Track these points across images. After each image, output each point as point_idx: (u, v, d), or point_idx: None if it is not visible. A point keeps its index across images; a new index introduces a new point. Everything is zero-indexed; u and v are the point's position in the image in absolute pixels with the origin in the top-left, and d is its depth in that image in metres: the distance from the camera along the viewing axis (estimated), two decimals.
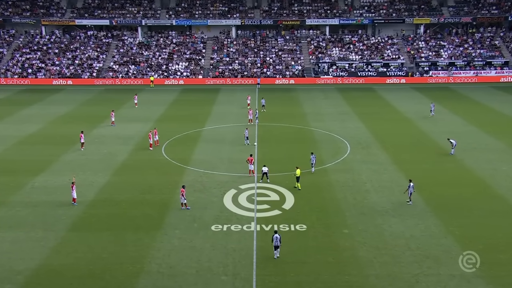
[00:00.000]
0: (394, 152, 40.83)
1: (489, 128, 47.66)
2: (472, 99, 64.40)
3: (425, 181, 34.13)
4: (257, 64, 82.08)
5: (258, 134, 46.93)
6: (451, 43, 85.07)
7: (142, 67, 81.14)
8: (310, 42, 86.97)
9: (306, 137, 45.81)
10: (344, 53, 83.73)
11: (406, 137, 45.73)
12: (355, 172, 36.16)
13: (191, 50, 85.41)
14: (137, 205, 30.55)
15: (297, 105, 61.11)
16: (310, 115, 55.13)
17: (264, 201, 30.92)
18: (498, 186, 32.98)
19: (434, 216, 28.51)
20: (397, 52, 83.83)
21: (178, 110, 58.44)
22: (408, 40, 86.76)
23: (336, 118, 53.66)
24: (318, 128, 48.84)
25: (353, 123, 51.03)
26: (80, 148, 42.14)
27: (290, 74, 79.80)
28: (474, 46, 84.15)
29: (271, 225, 27.55)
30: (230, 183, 33.70)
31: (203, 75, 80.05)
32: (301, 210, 29.66)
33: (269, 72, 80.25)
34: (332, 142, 44.12)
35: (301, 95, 67.76)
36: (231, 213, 29.19)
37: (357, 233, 26.62)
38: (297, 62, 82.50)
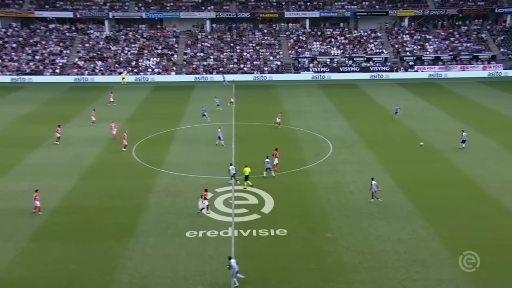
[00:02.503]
0: (379, 151, 41.27)
1: (477, 125, 48.62)
2: (459, 94, 65.61)
3: (412, 182, 34.59)
4: (233, 59, 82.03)
5: (236, 134, 46.88)
6: (436, 36, 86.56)
7: (110, 63, 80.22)
8: (290, 36, 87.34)
9: (287, 137, 45.91)
10: (325, 48, 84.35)
11: (391, 135, 46.29)
12: (339, 172, 36.41)
13: (162, 45, 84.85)
14: (106, 212, 30.16)
15: (277, 102, 61.26)
16: (291, 113, 55.33)
17: (242, 204, 30.89)
18: (487, 186, 33.62)
19: (422, 218, 28.90)
20: (381, 46, 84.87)
21: (150, 109, 57.97)
22: (392, 33, 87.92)
23: (318, 116, 54.00)
24: (299, 127, 49.03)
25: (336, 121, 51.42)
26: (55, 142, 43.34)
27: (269, 69, 79.98)
28: (461, 39, 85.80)
29: (250, 230, 27.54)
30: (206, 186, 33.33)
31: (176, 71, 79.62)
32: (282, 213, 29.70)
33: (247, 68, 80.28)
34: (314, 142, 44.35)
35: (281, 92, 67.97)
36: (207, 218, 29.06)
37: (341, 237, 26.78)
38: (276, 57, 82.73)
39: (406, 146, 42.89)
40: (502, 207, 30.27)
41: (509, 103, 59.51)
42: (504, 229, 27.56)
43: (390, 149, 41.88)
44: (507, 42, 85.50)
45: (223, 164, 36.68)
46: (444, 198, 31.65)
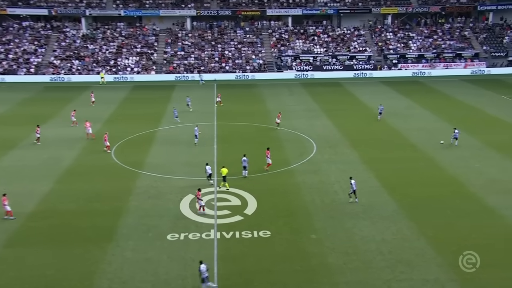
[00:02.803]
0: (364, 150, 41.57)
1: (460, 123, 49.24)
2: (442, 92, 66.45)
3: (396, 181, 34.93)
4: (214, 58, 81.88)
5: (218, 134, 46.80)
6: (420, 34, 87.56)
7: (88, 62, 79.41)
8: (272, 34, 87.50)
9: (270, 136, 45.98)
10: (308, 46, 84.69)
11: (375, 134, 46.67)
12: (323, 172, 36.58)
13: (142, 44, 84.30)
14: (85, 215, 29.84)
15: (260, 102, 61.32)
16: (274, 112, 55.38)
17: (224, 206, 30.83)
18: (471, 185, 34.11)
19: (406, 218, 29.19)
20: (364, 44, 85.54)
21: (129, 109, 57.54)
22: (375, 31, 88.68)
23: (301, 115, 54.20)
24: (282, 126, 49.10)
25: (320, 121, 51.67)
26: (36, 142, 43.40)
27: (251, 68, 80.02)
28: (444, 37, 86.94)
29: (233, 232, 27.51)
30: (188, 188, 33.42)
31: (155, 70, 79.16)
32: (265, 215, 29.74)
33: (228, 67, 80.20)
34: (298, 141, 44.49)
35: (263, 91, 68.05)
36: (189, 221, 28.95)
37: (325, 238, 26.91)
38: (258, 55, 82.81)
39: (390, 145, 43.28)
40: (487, 206, 30.74)
41: (492, 102, 60.49)
42: (489, 228, 27.98)
43: (374, 148, 42.22)
44: (489, 40, 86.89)
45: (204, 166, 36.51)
46: (429, 197, 32.02)
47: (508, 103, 59.73)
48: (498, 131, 47.04)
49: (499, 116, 53.00)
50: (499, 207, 30.45)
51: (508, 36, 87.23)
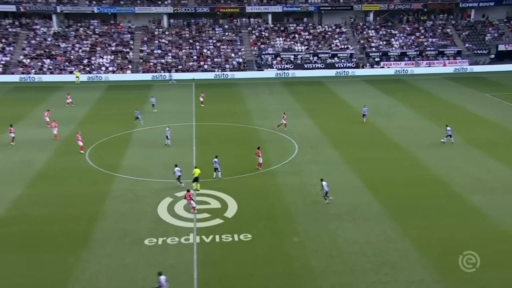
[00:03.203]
0: (346, 150, 41.83)
1: (444, 122, 49.86)
2: (425, 90, 67.28)
3: (379, 181, 35.21)
4: (193, 56, 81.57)
5: (196, 135, 46.62)
6: (402, 32, 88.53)
7: (59, 61, 78.35)
8: (252, 32, 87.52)
9: (250, 137, 45.97)
10: (288, 44, 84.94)
11: (358, 133, 47.00)
12: (305, 173, 36.69)
13: (117, 42, 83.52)
14: (57, 221, 29.40)
15: (240, 101, 61.30)
16: (254, 112, 55.44)
17: (204, 209, 30.71)
18: (455, 184, 34.57)
19: (390, 219, 29.43)
20: (346, 41, 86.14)
21: (104, 110, 56.95)
22: (357, 28, 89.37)
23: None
24: (263, 126, 49.17)
25: (301, 120, 51.84)
26: (10, 143, 42.97)
27: (230, 67, 79.92)
28: (426, 34, 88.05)
29: (212, 235, 27.41)
30: (165, 191, 33.24)
31: (131, 69, 78.50)
32: (246, 217, 29.71)
33: (207, 65, 79.98)
34: (279, 142, 44.56)
35: (243, 90, 68.04)
36: (167, 225, 28.78)
37: (308, 240, 26.97)
38: (238, 54, 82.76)
39: (373, 144, 43.63)
40: (471, 206, 31.18)
41: (474, 100, 61.46)
42: (473, 227, 28.38)
43: (357, 148, 42.51)
44: (472, 37, 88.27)
45: (183, 167, 36.27)
46: (413, 198, 32.35)
47: (490, 101, 60.75)
48: (481, 130, 47.78)
49: (482, 114, 53.85)
50: (483, 206, 30.91)
51: (490, 33, 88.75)
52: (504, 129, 47.91)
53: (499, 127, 48.65)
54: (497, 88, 68.30)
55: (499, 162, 38.74)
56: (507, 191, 33.32)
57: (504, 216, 29.51)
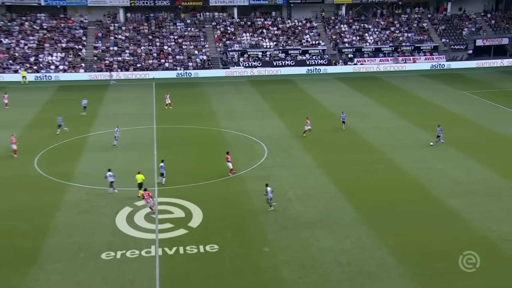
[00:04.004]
0: (319, 153, 42.19)
1: (420, 121, 50.93)
2: (401, 88, 68.54)
3: (354, 185, 35.63)
4: (152, 54, 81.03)
5: (158, 138, 46.30)
6: (376, 26, 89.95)
7: (2, 59, 76.59)
8: (216, 27, 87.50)
9: (216, 140, 45.93)
10: (256, 39, 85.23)
11: (331, 135, 47.46)
12: (275, 178, 36.81)
13: (68, 38, 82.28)
14: (2, 236, 28.71)
15: (204, 102, 61.19)
16: (220, 113, 55.42)
17: (166, 219, 30.51)
18: (433, 187, 35.24)
19: (366, 225, 29.79)
20: (317, 37, 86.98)
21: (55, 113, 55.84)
22: (328, 23, 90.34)
23: (250, 116, 54.48)
24: (229, 128, 49.20)
25: (271, 121, 52.06)
26: None
27: (194, 65, 79.70)
28: (401, 29, 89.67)
29: (176, 247, 27.24)
30: (124, 200, 32.89)
31: (85, 68, 77.42)
32: (212, 227, 29.64)
33: (168, 63, 79.58)
34: (247, 145, 44.64)
35: (208, 90, 67.97)
36: (126, 237, 28.47)
37: (279, 250, 27.07)
38: (201, 51, 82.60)
39: (347, 146, 44.15)
40: (450, 209, 31.81)
41: (452, 97, 62.92)
42: (453, 233, 28.94)
43: (330, 151, 42.94)
44: (448, 32, 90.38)
45: (144, 174, 35.99)
46: (389, 202, 32.84)
47: (468, 99, 62.27)
48: (459, 129, 48.87)
49: (460, 112, 55.14)
50: (462, 210, 31.59)
51: (467, 27, 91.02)
52: (483, 128, 49.15)
53: (478, 126, 49.88)
54: (475, 85, 70.06)
55: (479, 163, 39.70)
56: (487, 194, 34.15)
57: (484, 220, 30.22)
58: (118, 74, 75.75)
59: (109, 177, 33.81)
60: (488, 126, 49.99)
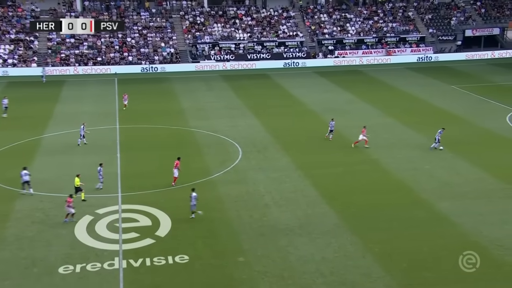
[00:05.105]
0: (298, 154, 42.35)
1: (407, 118, 51.49)
2: (385, 83, 69.28)
3: (336, 189, 35.87)
4: (114, 46, 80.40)
5: (121, 140, 45.98)
6: (358, 16, 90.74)
7: None
8: (184, 17, 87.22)
9: (185, 141, 45.82)
10: (228, 31, 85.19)
11: (311, 134, 47.68)
12: (250, 182, 36.86)
13: (17, 28, 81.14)
14: None
15: (172, 99, 61.00)
16: (190, 111, 55.27)
17: (131, 228, 30.31)
18: (421, 190, 35.65)
19: (349, 231, 29.97)
20: (295, 28, 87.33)
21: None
22: (307, 12, 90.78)
23: (223, 114, 54.47)
24: (200, 128, 49.09)
25: (245, 120, 52.12)
26: None
27: (160, 59, 79.32)
28: (385, 18, 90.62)
29: (142, 259, 27.06)
30: (84, 208, 32.52)
31: (37, 62, 76.40)
32: (182, 236, 29.54)
33: (132, 57, 79.07)
34: (219, 146, 44.60)
35: (176, 86, 67.77)
36: (87, 248, 28.17)
37: (256, 260, 27.08)
38: (169, 43, 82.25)
39: (328, 146, 44.42)
40: (439, 213, 32.21)
41: (440, 92, 63.89)
42: (442, 238, 29.30)
43: (310, 151, 43.15)
44: (436, 22, 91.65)
45: (105, 179, 35.75)
46: (374, 206, 33.11)
47: (457, 94, 63.26)
48: (448, 126, 49.19)
49: (448, 108, 55.96)
50: (451, 214, 32.01)
51: (455, 17, 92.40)
52: (473, 126, 49.94)
53: (468, 123, 50.66)
54: (465, 79, 71.21)
55: (469, 163, 40.31)
56: (478, 196, 34.67)
57: (475, 224, 30.67)
58: (76, 69, 75.03)
59: (23, 176, 33.57)
60: (479, 123, 50.80)
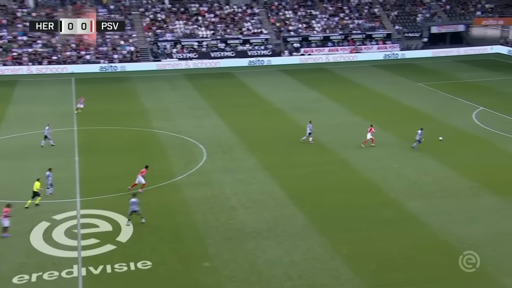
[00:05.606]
0: (265, 154, 42.43)
1: (374, 117, 51.98)
2: (352, 81, 70.00)
3: (304, 189, 36.03)
4: (70, 44, 79.30)
5: (79, 142, 45.45)
6: (324, 12, 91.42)
7: None
8: (144, 14, 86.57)
9: (148, 143, 45.54)
10: (191, 28, 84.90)
11: (278, 134, 47.84)
12: (216, 184, 36.80)
13: None
14: None
15: (134, 99, 60.59)
16: (152, 112, 54.93)
17: (90, 233, 29.94)
18: (390, 189, 36.10)
19: (318, 233, 30.14)
20: (259, 25, 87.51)
21: None
22: (271, 9, 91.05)
23: (186, 114, 54.30)
24: (163, 129, 48.81)
25: (209, 120, 52.03)
26: None
27: (120, 57, 78.57)
28: (351, 15, 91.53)
29: (103, 265, 26.74)
30: (40, 214, 32.01)
31: None
32: (145, 241, 29.31)
33: (90, 55, 78.13)
34: (183, 147, 44.44)
35: (138, 85, 67.35)
36: (43, 256, 27.70)
37: (222, 265, 27.02)
38: (128, 41, 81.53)
39: (295, 146, 44.58)
40: (408, 213, 32.66)
41: (407, 90, 64.84)
42: (412, 238, 29.70)
43: (277, 152, 43.26)
44: (401, 18, 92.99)
45: (63, 183, 35.27)
46: (343, 206, 33.38)
47: (424, 91, 64.25)
48: (415, 124, 49.98)
49: (416, 106, 56.81)
50: (420, 213, 32.48)
51: (421, 13, 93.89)
52: (441, 123, 50.72)
53: (435, 121, 51.44)
54: (431, 76, 72.43)
55: (438, 161, 40.96)
56: (446, 195, 35.28)
57: (444, 223, 31.17)
58: (29, 68, 73.74)
59: None
60: (446, 120, 51.67)
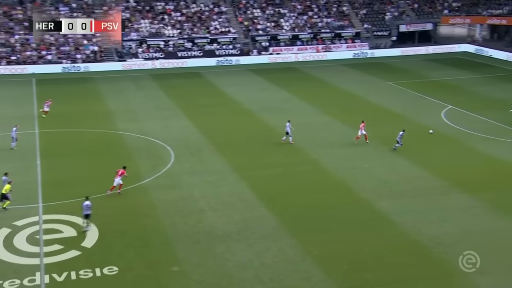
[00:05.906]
0: (234, 155, 42.42)
1: (344, 116, 52.40)
2: (322, 80, 70.42)
3: (274, 190, 36.12)
4: (30, 44, 78.15)
5: (41, 145, 44.84)
6: (292, 11, 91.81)
7: None
8: (108, 12, 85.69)
9: (113, 145, 45.28)
10: (156, 27, 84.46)
11: (247, 134, 47.89)
12: (184, 186, 36.67)
13: None
14: None
15: (98, 100, 60.07)
16: (118, 113, 54.54)
17: (54, 239, 29.56)
18: (361, 189, 36.40)
19: (289, 235, 30.21)
20: (227, 23, 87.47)
21: None
22: (239, 7, 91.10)
23: (153, 115, 54.02)
24: (129, 130, 48.47)
25: (177, 121, 51.85)
26: None
27: (83, 57, 77.73)
28: (320, 13, 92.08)
29: (67, 272, 26.39)
30: (0, 221, 31.48)
31: None
32: (111, 246, 29.07)
33: (51, 56, 77.18)
34: (150, 149, 44.23)
35: (102, 86, 66.83)
36: (3, 264, 27.25)
37: (191, 269, 26.91)
38: (92, 40, 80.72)
39: (265, 146, 44.68)
40: (379, 212, 32.97)
41: (376, 89, 65.42)
42: (383, 238, 29.98)
43: (246, 153, 43.29)
44: (370, 17, 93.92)
45: (24, 188, 34.73)
46: (313, 207, 33.53)
47: (394, 90, 64.95)
48: (385, 124, 50.73)
49: (385, 105, 57.41)
50: (391, 213, 32.82)
51: (389, 12, 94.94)
52: (411, 122, 51.24)
53: (405, 120, 51.94)
54: (400, 75, 73.25)
55: (408, 161, 41.42)
56: (416, 194, 35.69)
57: (414, 223, 31.54)
58: None
59: None
60: (416, 119, 52.25)
